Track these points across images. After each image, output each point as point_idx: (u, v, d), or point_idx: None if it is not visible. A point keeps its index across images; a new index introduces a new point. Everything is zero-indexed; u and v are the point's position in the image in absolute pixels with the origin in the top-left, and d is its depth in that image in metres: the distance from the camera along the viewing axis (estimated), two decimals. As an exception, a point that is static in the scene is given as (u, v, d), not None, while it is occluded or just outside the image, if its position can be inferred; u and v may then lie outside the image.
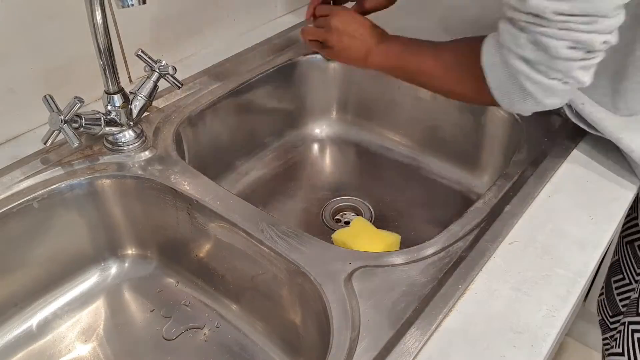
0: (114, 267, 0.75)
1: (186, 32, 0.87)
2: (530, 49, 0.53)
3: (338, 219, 0.85)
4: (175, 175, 0.66)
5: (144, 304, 0.72)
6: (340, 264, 0.55)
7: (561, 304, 0.52)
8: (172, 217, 0.68)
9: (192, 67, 0.85)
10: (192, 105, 0.78)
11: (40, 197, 0.64)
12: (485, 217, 0.61)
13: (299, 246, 0.57)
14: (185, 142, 0.76)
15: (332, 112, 0.99)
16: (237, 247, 0.62)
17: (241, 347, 0.67)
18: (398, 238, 0.74)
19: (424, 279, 0.54)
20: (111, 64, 0.65)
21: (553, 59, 0.53)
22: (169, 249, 0.73)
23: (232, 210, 0.62)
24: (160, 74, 0.71)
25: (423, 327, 0.49)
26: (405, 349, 0.48)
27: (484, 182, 0.86)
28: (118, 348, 0.67)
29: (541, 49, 0.52)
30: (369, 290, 0.53)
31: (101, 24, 0.61)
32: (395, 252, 0.57)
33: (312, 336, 0.59)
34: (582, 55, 0.52)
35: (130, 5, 0.55)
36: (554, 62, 0.53)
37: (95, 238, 0.72)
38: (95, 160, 0.68)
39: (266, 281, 0.62)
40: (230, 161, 0.89)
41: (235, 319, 0.69)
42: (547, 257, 0.56)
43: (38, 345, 0.67)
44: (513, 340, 0.49)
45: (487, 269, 0.55)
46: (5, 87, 0.69)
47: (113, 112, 0.67)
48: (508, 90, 0.57)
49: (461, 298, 0.52)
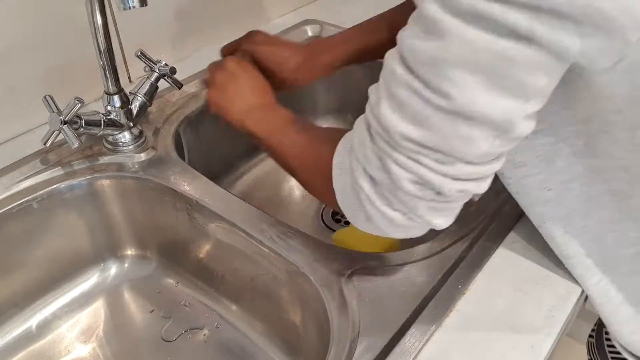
0: (114, 267, 0.75)
1: (186, 32, 0.87)
2: (376, 167, 0.42)
3: (338, 219, 0.85)
4: (175, 176, 0.66)
5: (143, 304, 0.72)
6: (340, 264, 0.55)
7: (561, 304, 0.52)
8: (172, 217, 0.68)
9: (192, 67, 0.85)
10: (192, 106, 0.78)
11: (40, 198, 0.64)
12: (485, 217, 0.61)
13: (299, 246, 0.57)
14: (185, 143, 0.76)
15: (333, 112, 0.99)
16: (237, 247, 0.62)
17: (241, 348, 0.67)
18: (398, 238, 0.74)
19: (424, 279, 0.54)
20: (111, 65, 0.64)
21: (396, 188, 0.41)
22: (168, 249, 0.73)
23: (232, 210, 0.61)
24: (160, 75, 0.71)
25: (423, 327, 0.49)
26: (405, 349, 0.47)
27: (484, 182, 0.86)
28: (118, 349, 0.67)
29: (386, 172, 0.41)
30: (369, 291, 0.53)
31: (101, 25, 0.61)
32: (395, 252, 0.57)
33: (312, 336, 0.59)
34: (431, 195, 0.41)
35: (131, 7, 0.55)
36: (397, 192, 0.42)
37: (95, 238, 0.72)
38: (95, 160, 0.68)
39: (266, 282, 0.62)
40: (230, 161, 0.89)
41: (235, 320, 0.69)
42: (547, 256, 0.56)
43: (38, 346, 0.67)
44: (513, 340, 0.49)
45: (487, 269, 0.55)
46: (6, 87, 0.69)
47: (113, 113, 0.67)
48: (350, 204, 0.46)
49: (461, 298, 0.52)
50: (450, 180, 0.40)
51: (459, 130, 0.37)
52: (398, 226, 0.44)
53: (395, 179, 0.41)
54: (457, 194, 0.41)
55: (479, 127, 0.37)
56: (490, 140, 0.38)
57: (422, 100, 0.37)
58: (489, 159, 0.40)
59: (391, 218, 0.43)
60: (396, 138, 0.40)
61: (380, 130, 0.41)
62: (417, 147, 0.39)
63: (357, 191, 0.44)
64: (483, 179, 0.42)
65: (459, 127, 0.37)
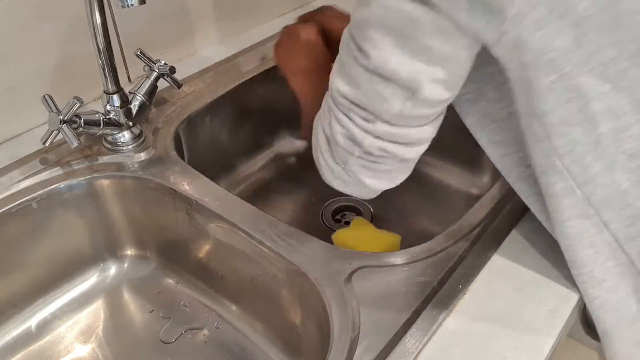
0: (113, 267, 0.74)
1: (186, 32, 0.87)
2: (326, 122, 0.48)
3: (338, 219, 0.85)
4: (174, 176, 0.66)
5: (143, 304, 0.72)
6: (340, 264, 0.55)
7: (562, 304, 0.52)
8: (172, 217, 0.68)
9: (191, 67, 0.85)
10: (192, 105, 0.78)
11: (39, 198, 0.64)
12: (485, 217, 0.60)
13: (299, 246, 0.57)
14: (185, 142, 0.76)
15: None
16: (237, 247, 0.62)
17: (241, 348, 0.67)
18: (398, 238, 0.74)
19: (424, 279, 0.54)
20: (110, 64, 0.64)
21: (335, 141, 0.47)
22: (168, 249, 0.73)
23: (232, 210, 0.61)
24: (159, 74, 0.71)
25: (423, 327, 0.49)
26: (406, 350, 0.47)
27: (484, 182, 0.86)
28: (117, 349, 0.67)
29: (329, 126, 0.48)
30: (369, 291, 0.53)
31: (100, 24, 0.61)
32: (395, 252, 0.57)
33: (312, 336, 0.59)
34: (358, 152, 0.47)
35: (130, 5, 0.55)
36: (335, 145, 0.48)
37: (94, 238, 0.71)
38: (95, 160, 0.68)
39: (266, 281, 0.61)
40: (230, 161, 0.88)
41: (235, 320, 0.69)
42: (548, 257, 0.56)
43: (37, 346, 0.67)
44: (514, 340, 0.49)
45: (488, 269, 0.55)
46: (5, 86, 0.69)
47: (112, 112, 0.67)
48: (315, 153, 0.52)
49: (462, 298, 0.52)
50: (372, 137, 0.45)
51: (376, 87, 0.43)
52: (340, 179, 0.51)
53: (333, 132, 0.47)
54: (378, 152, 0.46)
55: (391, 86, 0.42)
56: (402, 100, 0.43)
57: (352, 59, 0.43)
58: (408, 122, 0.45)
59: (333, 169, 0.50)
60: (335, 95, 0.46)
61: (330, 89, 0.47)
62: (349, 104, 0.45)
63: (317, 144, 0.51)
64: (407, 144, 0.47)
65: (376, 85, 0.43)
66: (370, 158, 0.47)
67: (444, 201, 0.87)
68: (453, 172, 0.89)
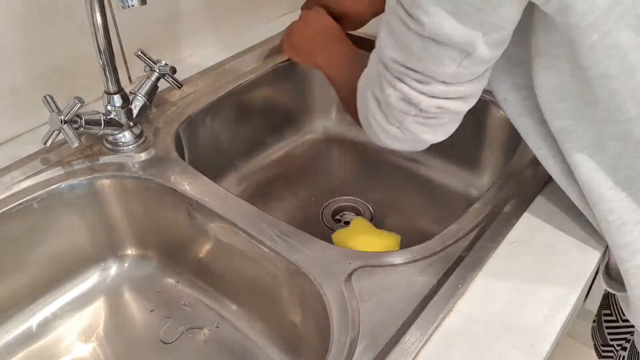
0: (114, 267, 0.75)
1: (186, 32, 0.87)
2: (378, 86, 0.50)
3: (338, 219, 0.85)
4: (175, 176, 0.66)
5: (143, 304, 0.72)
6: (340, 264, 0.55)
7: (561, 303, 0.52)
8: (172, 217, 0.68)
9: (192, 67, 0.85)
10: (192, 106, 0.78)
11: (40, 197, 0.64)
12: (485, 217, 0.61)
13: (299, 246, 0.57)
14: (185, 143, 0.76)
15: (332, 112, 0.99)
16: (237, 247, 0.62)
17: (241, 347, 0.67)
18: (398, 238, 0.74)
19: (424, 279, 0.54)
20: (111, 64, 0.65)
21: (389, 104, 0.50)
22: (169, 249, 0.73)
23: (232, 210, 0.62)
24: (160, 74, 0.71)
25: (423, 327, 0.49)
26: (405, 349, 0.48)
27: (484, 182, 0.86)
28: (118, 348, 0.67)
29: (382, 90, 0.50)
30: (369, 290, 0.53)
31: (101, 24, 0.61)
32: (395, 252, 0.57)
33: (312, 336, 0.59)
34: (415, 111, 0.49)
35: (131, 5, 0.55)
36: (389, 108, 0.50)
37: (95, 238, 0.72)
38: (95, 160, 0.68)
39: (266, 281, 0.62)
40: (230, 161, 0.89)
41: (235, 319, 0.69)
42: (547, 256, 0.56)
43: (38, 346, 0.67)
44: (513, 340, 0.49)
45: (487, 269, 0.55)
46: (5, 86, 0.69)
47: (113, 112, 0.67)
48: (363, 119, 0.55)
49: (461, 298, 0.52)
50: (428, 97, 0.47)
51: (430, 52, 0.44)
52: (395, 138, 0.52)
53: (386, 95, 0.49)
54: (436, 110, 0.48)
55: (446, 49, 0.44)
56: (457, 62, 0.45)
57: (404, 26, 0.44)
58: (461, 79, 0.46)
59: (387, 130, 0.52)
60: (386, 61, 0.47)
61: (379, 55, 0.48)
62: (401, 68, 0.47)
63: (367, 109, 0.53)
64: (462, 99, 0.48)
65: (430, 49, 0.44)
66: (427, 115, 0.49)
67: (444, 201, 0.87)
68: (453, 172, 0.89)
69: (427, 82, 0.47)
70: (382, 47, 0.48)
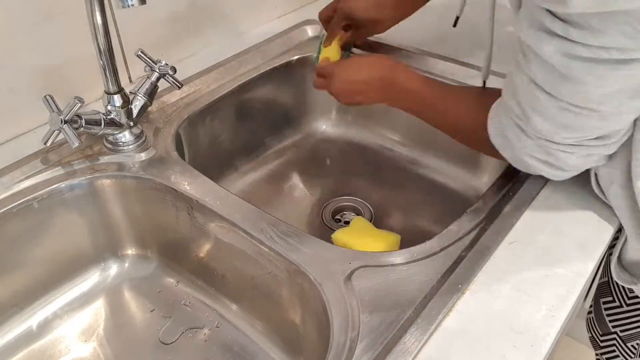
0: (114, 267, 0.75)
1: (186, 32, 0.87)
2: (538, 152, 0.55)
3: (338, 219, 0.85)
4: (175, 176, 0.66)
5: (144, 304, 0.72)
6: (340, 264, 0.55)
7: (561, 303, 0.52)
8: (172, 217, 0.68)
9: (192, 67, 0.85)
10: (192, 106, 0.78)
11: (40, 197, 0.64)
12: (485, 217, 0.61)
13: (299, 246, 0.57)
14: (185, 142, 0.76)
15: (332, 112, 0.99)
16: (237, 247, 0.62)
17: (241, 347, 0.67)
18: (398, 238, 0.74)
19: (424, 278, 0.54)
20: (111, 64, 0.65)
21: (557, 159, 0.55)
22: (169, 249, 0.73)
23: (232, 210, 0.62)
24: (160, 74, 0.71)
25: (423, 327, 0.49)
26: (405, 349, 0.48)
27: (484, 182, 0.86)
28: (118, 348, 0.67)
29: (550, 155, 0.54)
30: (369, 290, 0.53)
31: (101, 24, 0.61)
32: (395, 252, 0.57)
33: (312, 336, 0.59)
34: (595, 161, 0.56)
35: (130, 5, 0.55)
36: (558, 161, 0.55)
37: (95, 238, 0.72)
38: (95, 160, 0.68)
39: (266, 281, 0.62)
40: (230, 161, 0.89)
41: (235, 319, 0.69)
42: (547, 256, 0.56)
43: (38, 345, 0.67)
44: (513, 340, 0.49)
45: (487, 269, 0.55)
46: (5, 87, 0.69)
47: (113, 112, 0.67)
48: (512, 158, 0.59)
49: (461, 298, 0.52)
50: (607, 147, 0.54)
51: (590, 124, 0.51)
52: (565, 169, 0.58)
53: (562, 161, 0.55)
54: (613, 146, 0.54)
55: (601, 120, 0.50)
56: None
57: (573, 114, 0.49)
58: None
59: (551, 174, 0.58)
60: (558, 140, 0.53)
61: (537, 135, 0.53)
62: (567, 141, 0.53)
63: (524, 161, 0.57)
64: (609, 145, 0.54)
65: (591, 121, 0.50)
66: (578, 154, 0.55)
67: (444, 201, 0.87)
68: (452, 173, 0.89)
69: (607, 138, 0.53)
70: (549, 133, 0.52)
